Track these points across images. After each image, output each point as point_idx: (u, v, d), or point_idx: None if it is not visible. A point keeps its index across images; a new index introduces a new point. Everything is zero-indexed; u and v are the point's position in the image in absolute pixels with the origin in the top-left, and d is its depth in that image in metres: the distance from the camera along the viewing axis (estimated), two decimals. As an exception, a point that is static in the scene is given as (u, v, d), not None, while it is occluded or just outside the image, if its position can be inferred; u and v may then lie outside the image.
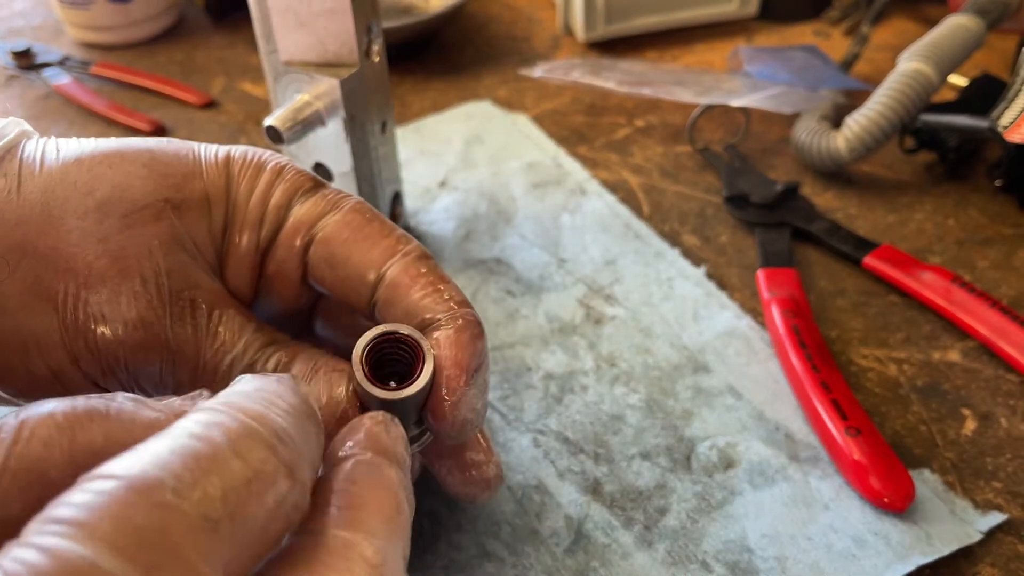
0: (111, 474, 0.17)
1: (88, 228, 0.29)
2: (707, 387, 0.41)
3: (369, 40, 0.43)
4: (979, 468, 0.38)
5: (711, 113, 0.59)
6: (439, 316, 0.30)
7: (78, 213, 0.29)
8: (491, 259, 0.49)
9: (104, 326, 0.28)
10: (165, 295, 0.29)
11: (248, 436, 0.19)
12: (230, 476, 0.18)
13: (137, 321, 0.28)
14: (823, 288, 0.47)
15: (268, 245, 0.32)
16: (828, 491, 0.36)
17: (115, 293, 0.28)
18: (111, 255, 0.29)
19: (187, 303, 0.29)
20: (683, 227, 0.51)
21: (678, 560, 0.34)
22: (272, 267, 0.32)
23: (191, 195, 0.31)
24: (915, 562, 0.34)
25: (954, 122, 0.50)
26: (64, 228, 0.29)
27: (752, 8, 0.71)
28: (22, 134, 0.31)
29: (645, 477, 0.37)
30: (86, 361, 0.29)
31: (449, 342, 0.29)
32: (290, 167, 0.33)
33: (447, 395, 0.29)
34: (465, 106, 0.62)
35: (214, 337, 0.29)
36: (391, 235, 0.31)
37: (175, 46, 0.72)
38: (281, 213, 0.32)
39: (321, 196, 0.32)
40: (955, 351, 0.43)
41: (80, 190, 0.29)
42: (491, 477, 0.32)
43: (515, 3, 0.76)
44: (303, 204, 0.32)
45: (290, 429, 0.20)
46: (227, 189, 0.32)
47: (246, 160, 0.32)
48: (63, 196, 0.29)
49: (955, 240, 0.50)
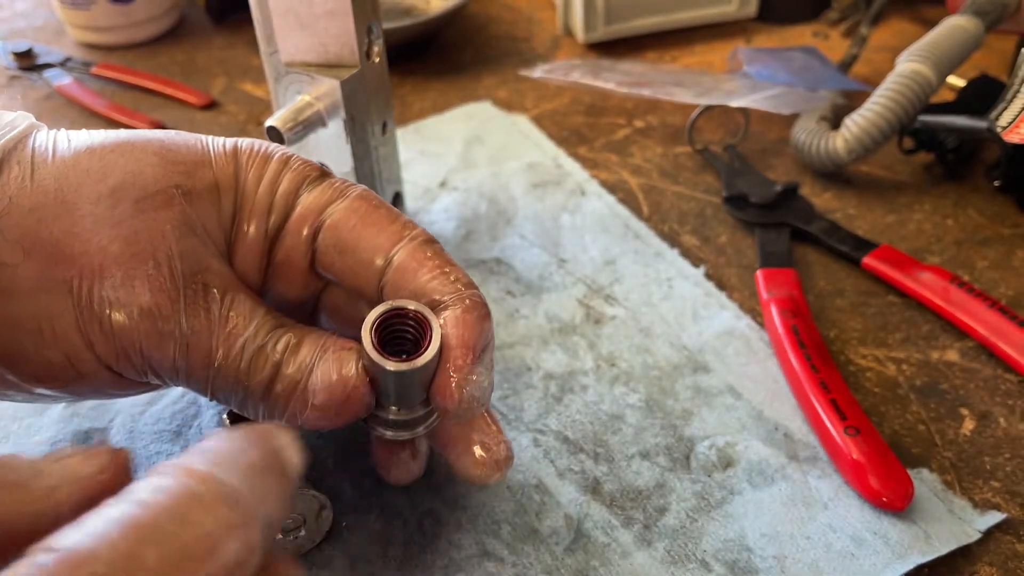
0: (51, 547, 0.18)
1: (101, 213, 0.29)
2: (706, 387, 0.41)
3: (370, 41, 0.43)
4: (977, 467, 0.38)
5: (710, 114, 0.59)
6: (446, 297, 0.30)
7: (91, 199, 0.29)
8: (491, 259, 0.49)
9: (118, 310, 0.29)
10: (178, 279, 0.29)
11: (192, 500, 0.19)
12: (168, 545, 0.18)
13: (150, 305, 0.29)
14: (822, 288, 0.47)
15: (276, 233, 0.32)
16: (827, 490, 0.37)
17: (129, 277, 0.29)
18: (124, 239, 0.29)
19: (199, 287, 0.30)
20: (682, 227, 0.51)
21: (677, 559, 0.34)
22: (280, 255, 0.33)
23: (201, 182, 0.31)
24: (914, 561, 0.34)
25: (953, 123, 0.50)
26: (78, 213, 0.29)
27: (751, 9, 0.71)
28: (32, 126, 0.31)
29: (644, 476, 0.37)
30: (100, 345, 0.29)
31: (456, 322, 0.30)
32: (296, 157, 0.33)
33: (454, 373, 0.29)
34: (465, 107, 0.62)
35: (226, 321, 0.30)
36: (397, 221, 0.32)
37: (176, 47, 0.72)
38: (289, 201, 0.32)
39: (328, 184, 0.33)
40: (954, 351, 0.43)
41: (93, 177, 0.30)
42: (502, 459, 0.33)
43: (515, 4, 0.76)
44: (310, 192, 0.32)
45: (242, 488, 0.20)
46: (236, 177, 0.32)
47: (253, 150, 0.33)
48: (76, 183, 0.30)
49: (954, 240, 0.50)
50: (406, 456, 0.34)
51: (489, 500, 0.37)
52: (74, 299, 0.29)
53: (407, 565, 0.34)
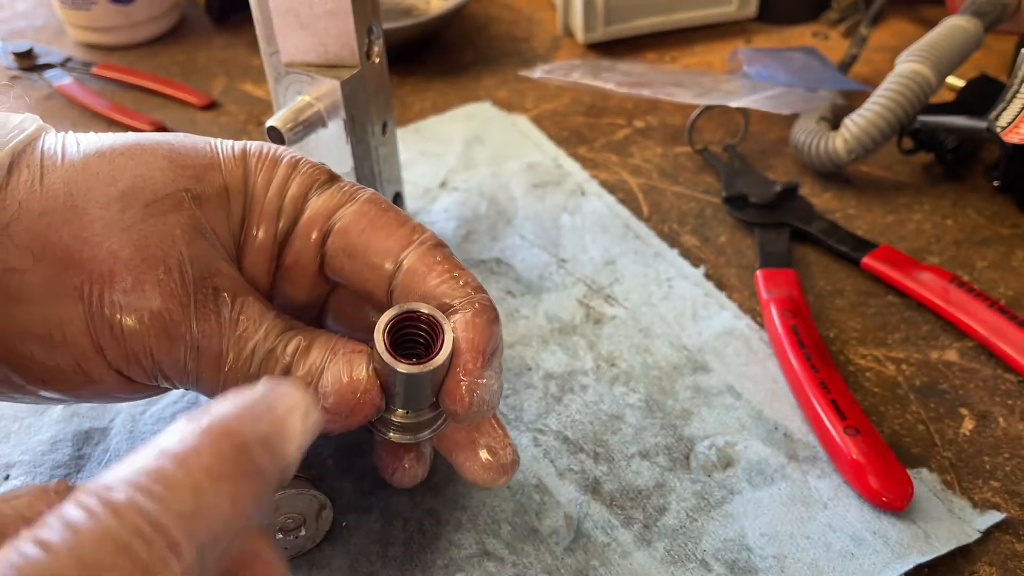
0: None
1: (111, 217, 0.29)
2: (706, 387, 0.41)
3: (370, 41, 0.43)
4: (977, 467, 0.38)
5: (710, 114, 0.59)
6: (456, 301, 0.31)
7: (101, 203, 0.29)
8: (491, 259, 0.49)
9: (128, 314, 0.29)
10: (188, 283, 0.29)
11: (103, 541, 0.17)
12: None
13: (161, 309, 0.29)
14: (822, 288, 0.47)
15: (285, 237, 0.33)
16: (827, 490, 0.37)
17: (139, 282, 0.29)
18: (134, 243, 0.29)
19: (210, 291, 0.30)
20: (682, 227, 0.51)
21: (677, 559, 0.34)
22: (289, 258, 0.33)
23: (210, 186, 0.31)
24: (913, 561, 0.34)
25: (952, 123, 0.50)
26: (88, 218, 0.29)
27: (751, 9, 0.71)
28: (40, 128, 0.31)
29: (644, 476, 0.38)
30: (111, 350, 0.29)
31: (466, 325, 0.30)
32: (305, 161, 0.33)
33: (464, 376, 0.29)
34: (465, 107, 0.62)
35: (236, 324, 0.30)
36: (406, 224, 0.32)
37: (176, 47, 0.72)
38: (298, 205, 0.32)
39: (337, 188, 0.33)
40: (953, 351, 0.43)
41: (103, 180, 0.30)
42: (508, 463, 0.33)
43: (515, 4, 0.76)
44: (319, 196, 0.32)
45: (171, 511, 0.18)
46: (245, 181, 0.32)
47: (262, 154, 0.33)
48: (86, 187, 0.29)
49: (953, 240, 0.50)
50: (410, 459, 0.34)
51: (489, 500, 0.37)
52: (84, 304, 0.29)
53: (407, 565, 0.34)
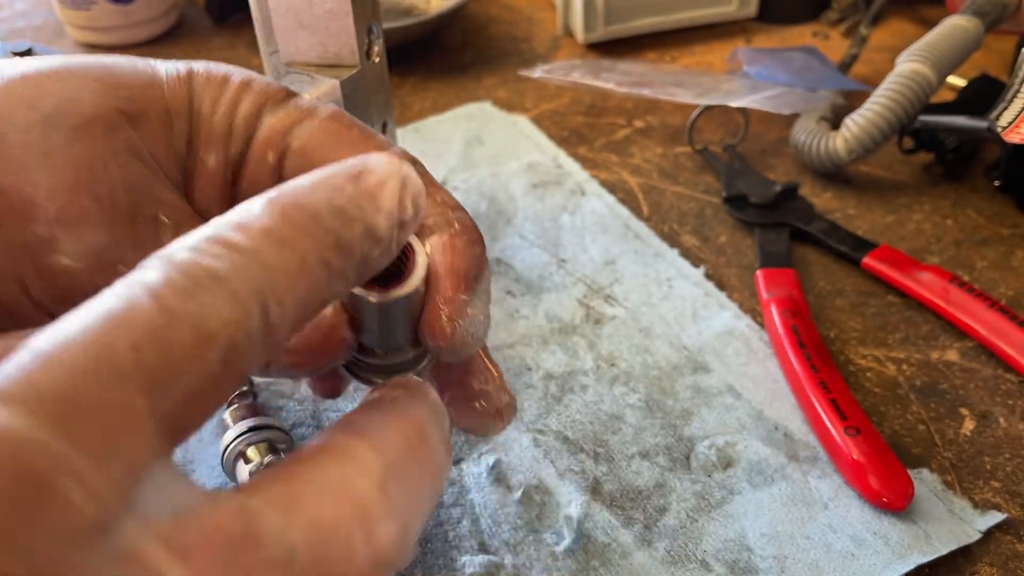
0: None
1: (33, 143, 0.26)
2: (706, 387, 0.41)
3: (370, 41, 0.43)
4: (978, 467, 0.38)
5: (710, 114, 0.59)
6: (431, 220, 0.27)
7: (21, 128, 0.26)
8: (491, 259, 0.49)
9: (54, 249, 0.26)
10: (122, 212, 0.26)
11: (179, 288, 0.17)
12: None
13: (91, 242, 0.26)
14: (822, 288, 0.47)
15: (239, 161, 0.29)
16: (827, 490, 0.37)
17: (64, 212, 0.26)
18: (58, 170, 0.26)
19: (149, 220, 0.27)
20: (682, 227, 0.51)
21: (677, 559, 0.34)
22: (244, 183, 0.29)
23: (149, 106, 0.28)
24: (914, 561, 0.34)
25: (952, 123, 0.50)
26: (6, 144, 0.26)
27: (751, 9, 0.71)
28: None
29: (644, 476, 0.37)
30: (37, 289, 0.26)
31: (443, 248, 0.27)
32: (259, 79, 0.30)
33: (443, 305, 0.26)
34: (465, 107, 0.62)
35: None
36: (372, 139, 0.29)
37: (176, 47, 0.72)
38: (251, 124, 0.29)
39: (294, 105, 0.29)
40: (953, 351, 0.43)
41: (24, 104, 0.27)
42: (503, 406, 0.29)
43: (515, 4, 0.76)
44: (275, 114, 0.29)
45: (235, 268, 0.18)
46: (189, 101, 0.29)
47: (210, 72, 0.29)
48: (7, 112, 0.26)
49: (953, 240, 0.50)
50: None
51: (489, 499, 0.37)
52: (2, 237, 0.26)
53: (407, 565, 0.34)
